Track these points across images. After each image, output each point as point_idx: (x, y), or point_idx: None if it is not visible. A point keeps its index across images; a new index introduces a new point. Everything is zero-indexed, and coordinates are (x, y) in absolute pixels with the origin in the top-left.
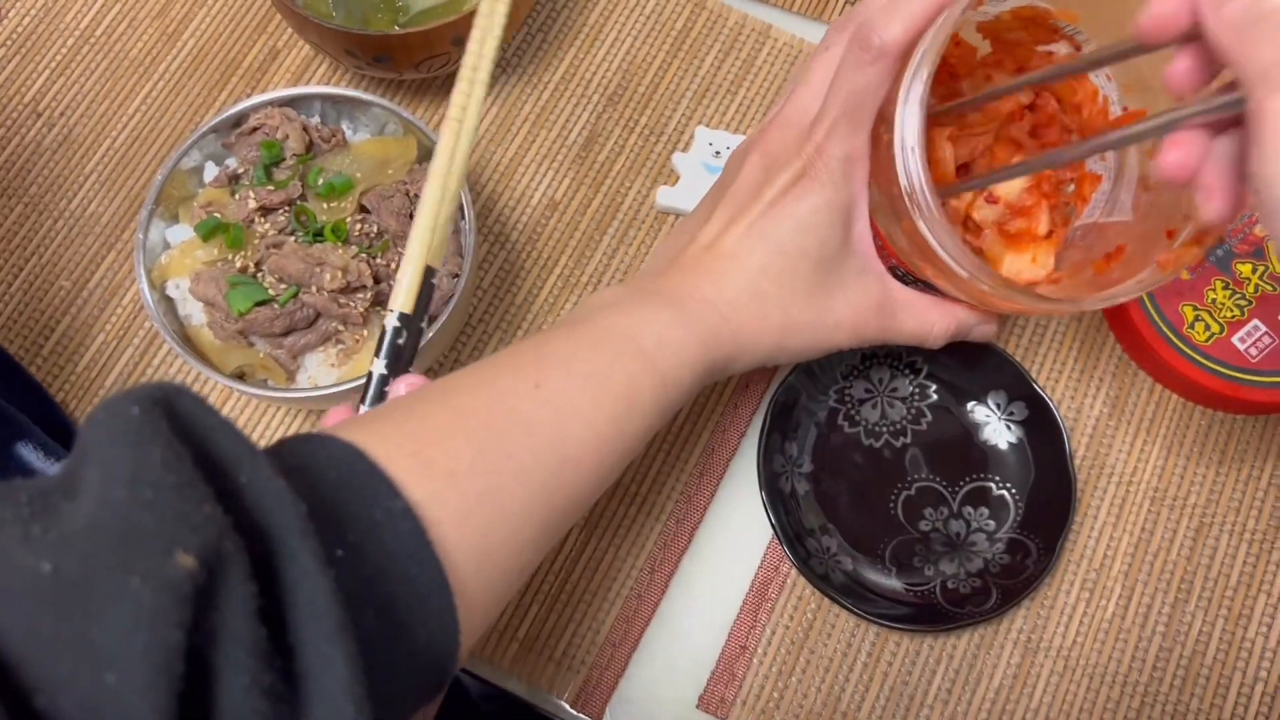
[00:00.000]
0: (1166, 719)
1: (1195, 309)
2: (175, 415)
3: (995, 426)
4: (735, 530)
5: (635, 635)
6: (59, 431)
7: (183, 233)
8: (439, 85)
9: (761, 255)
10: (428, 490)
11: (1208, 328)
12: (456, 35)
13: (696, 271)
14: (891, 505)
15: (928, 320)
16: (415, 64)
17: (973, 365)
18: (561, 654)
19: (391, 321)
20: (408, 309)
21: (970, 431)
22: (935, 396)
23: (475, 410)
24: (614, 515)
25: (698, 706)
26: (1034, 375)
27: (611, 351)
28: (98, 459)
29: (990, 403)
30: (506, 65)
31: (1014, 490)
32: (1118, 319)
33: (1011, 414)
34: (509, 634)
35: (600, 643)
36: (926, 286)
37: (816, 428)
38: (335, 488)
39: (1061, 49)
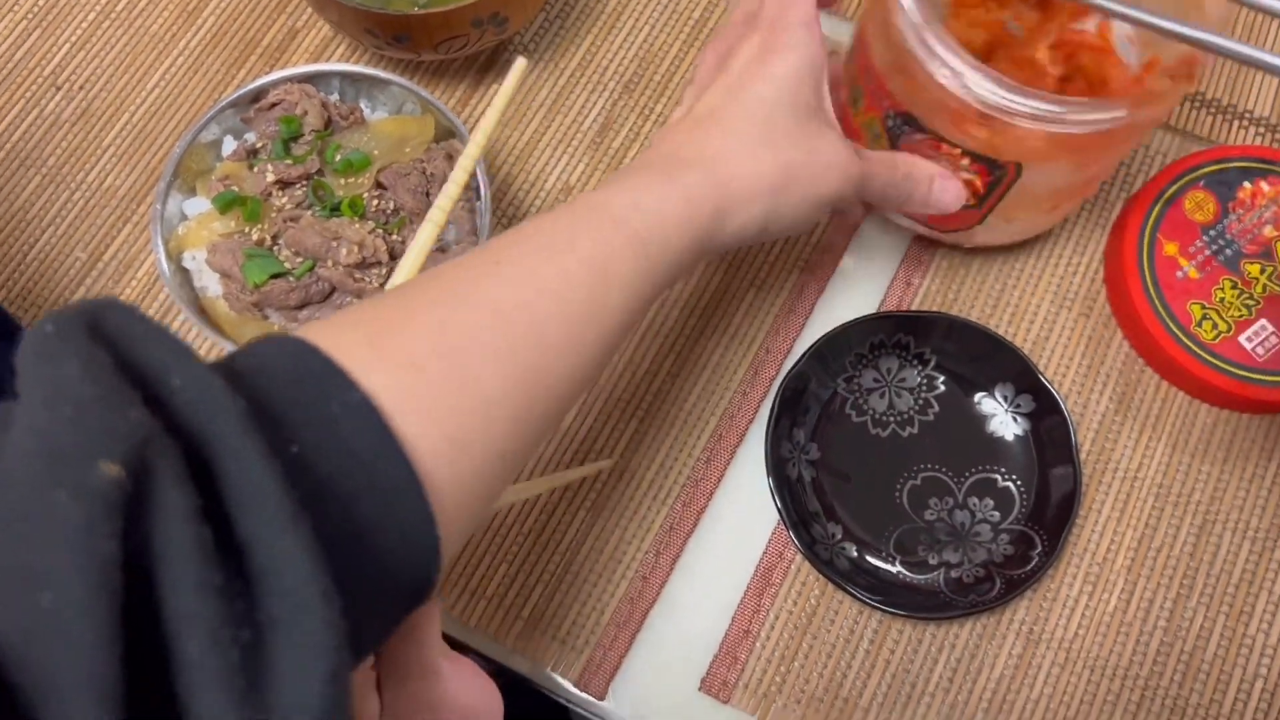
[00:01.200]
0: (1166, 713)
1: (1203, 307)
2: (99, 327)
3: (1002, 418)
4: (741, 515)
5: (639, 617)
6: None
7: (200, 205)
8: (457, 67)
9: (744, 107)
10: (387, 379)
11: (1215, 326)
12: (476, 16)
13: (676, 137)
14: (897, 494)
15: (900, 163)
16: (434, 45)
17: (981, 357)
18: (566, 633)
19: None
20: None
21: (977, 423)
22: (943, 388)
23: (434, 297)
24: (620, 497)
25: (700, 689)
26: (1042, 369)
27: (579, 221)
28: (22, 386)
29: (998, 395)
30: (523, 50)
31: (1019, 482)
32: (1126, 315)
33: (1019, 406)
34: (514, 612)
35: (604, 623)
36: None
37: (825, 415)
38: (286, 385)
39: (1091, 25)
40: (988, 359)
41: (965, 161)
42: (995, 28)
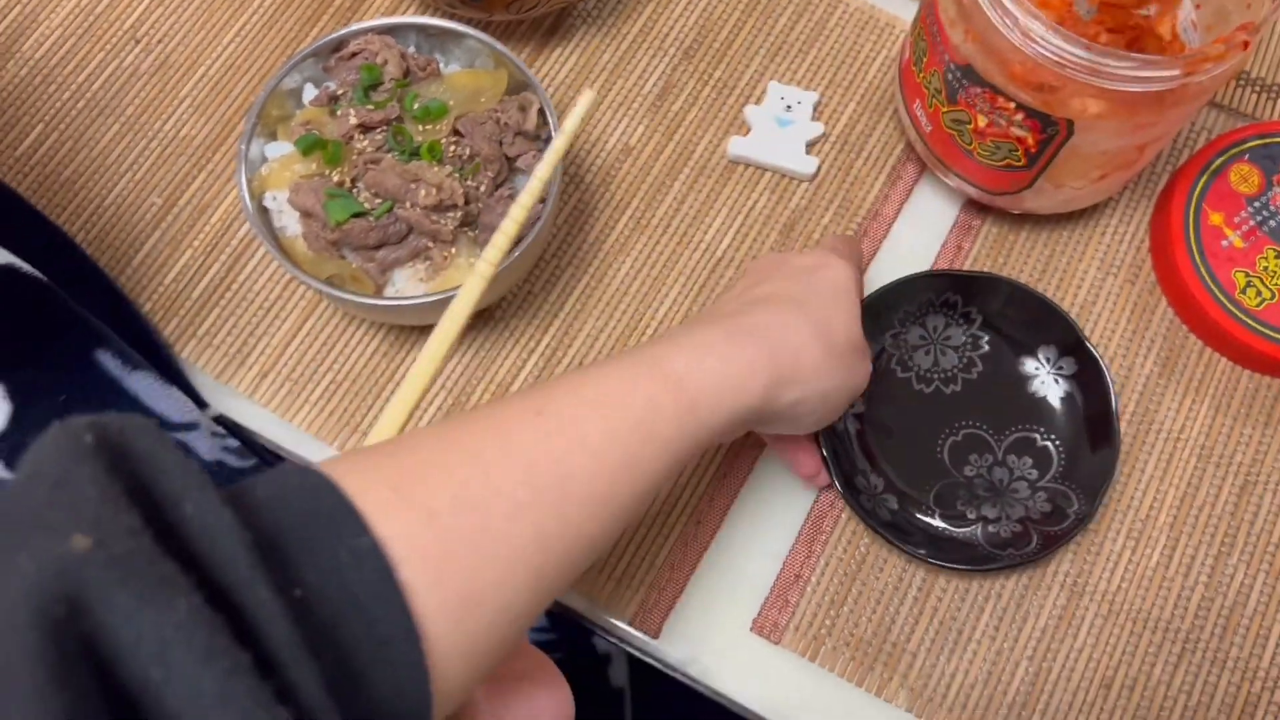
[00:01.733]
0: (1207, 665)
1: (1247, 275)
2: (125, 449)
3: (1044, 379)
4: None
5: (693, 559)
6: (139, 340)
7: (281, 149)
8: (523, 30)
9: (808, 291)
10: (403, 527)
11: (1259, 293)
12: None
13: (736, 306)
14: (939, 449)
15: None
16: (507, 4)
17: (1027, 318)
18: (622, 573)
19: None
20: None
21: (1020, 383)
22: (987, 347)
23: (466, 441)
24: None
25: (752, 629)
26: (1087, 334)
27: (630, 375)
28: (35, 471)
29: (1041, 356)
30: (587, 16)
31: (1058, 442)
32: (1171, 282)
33: (1061, 369)
34: None
35: (659, 565)
36: None
37: (871, 371)
38: (298, 522)
39: (1153, 10)
40: (1033, 320)
41: (1019, 117)
42: (1062, 7)
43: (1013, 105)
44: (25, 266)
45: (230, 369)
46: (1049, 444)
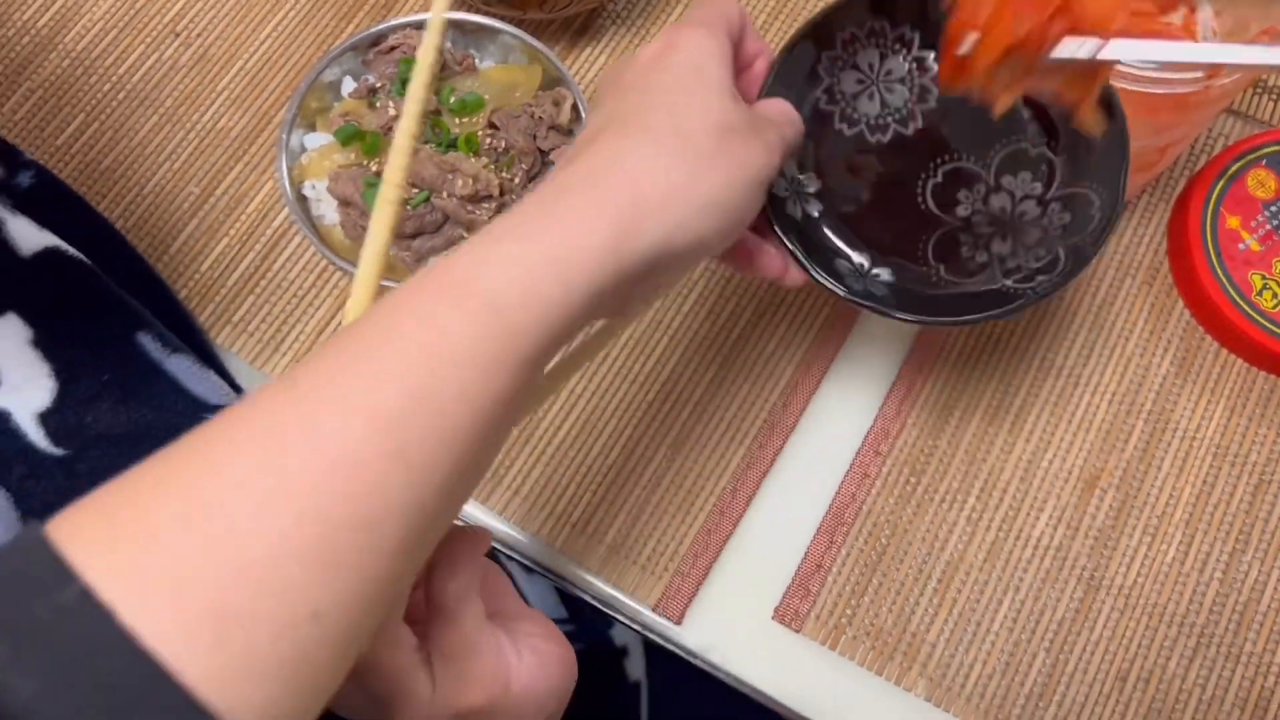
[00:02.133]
0: (1221, 659)
1: (1263, 278)
2: None
3: None
4: (815, 457)
5: (716, 547)
6: (177, 325)
7: (320, 139)
8: (556, 27)
9: (643, 100)
10: (120, 558)
11: (1275, 295)
12: None
13: (561, 168)
14: (920, 199)
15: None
16: (540, 3)
17: None
18: (646, 559)
19: None
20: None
21: None
22: (936, 66)
23: (199, 443)
24: (700, 436)
25: (773, 618)
26: (1105, 337)
27: (401, 303)
28: None
29: None
30: (617, 17)
31: (1052, 143)
32: (1188, 284)
33: None
34: (597, 538)
35: (683, 552)
36: None
37: (812, 138)
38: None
39: (1178, 19)
40: None
41: None
42: None
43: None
44: (70, 249)
45: (265, 355)
46: (1043, 149)
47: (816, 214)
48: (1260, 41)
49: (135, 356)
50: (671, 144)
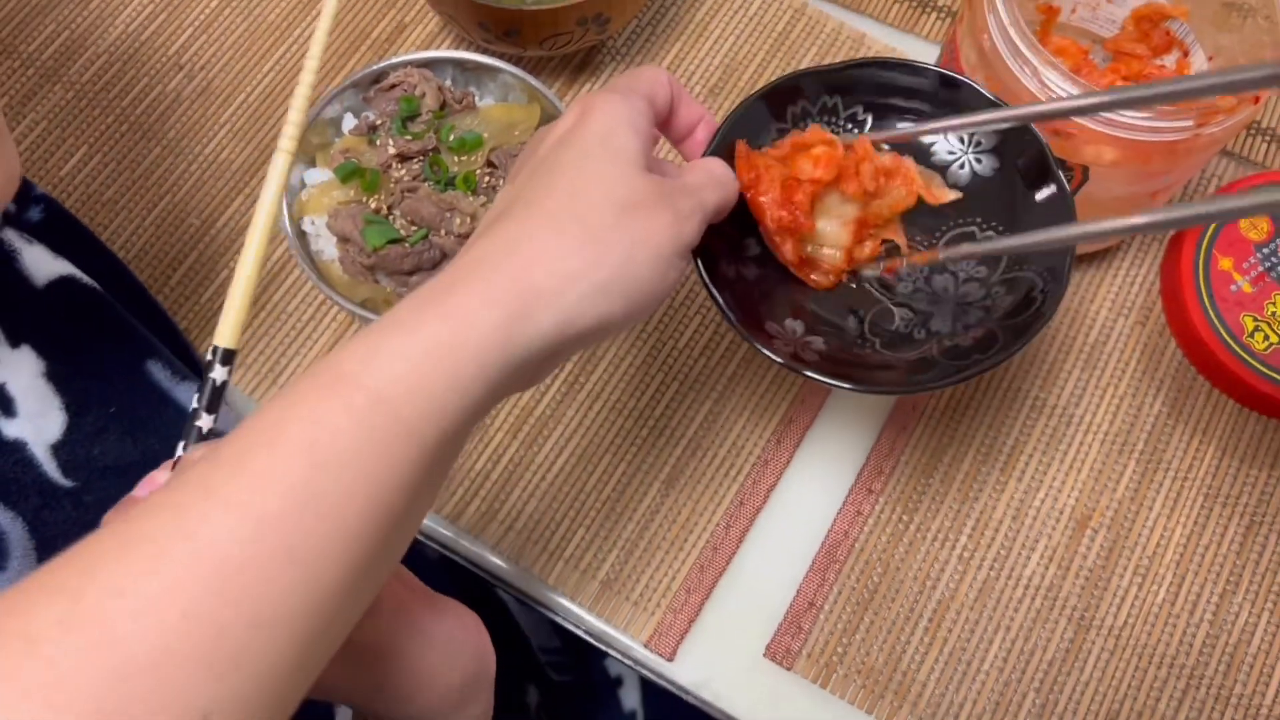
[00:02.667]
0: (1211, 701)
1: (1255, 319)
2: None
3: (964, 160)
4: (808, 495)
5: (709, 584)
6: (180, 356)
7: (320, 175)
8: (556, 64)
9: (545, 180)
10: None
11: (1267, 338)
12: (582, 16)
13: (461, 255)
14: (861, 276)
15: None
16: (540, 41)
17: (925, 98)
18: (639, 595)
19: (217, 370)
20: (233, 344)
21: (937, 174)
22: (888, 146)
23: (92, 544)
24: (694, 472)
25: (765, 655)
26: (1098, 377)
27: (291, 400)
28: None
29: (951, 137)
30: (616, 53)
31: (1001, 227)
32: (1180, 325)
33: (979, 143)
34: (590, 574)
35: (675, 588)
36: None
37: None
38: None
39: (1170, 61)
40: (932, 99)
41: None
42: (1079, 55)
43: None
44: (84, 277)
45: (264, 387)
46: (992, 232)
47: (752, 278)
48: (1249, 91)
49: (145, 385)
50: (569, 228)
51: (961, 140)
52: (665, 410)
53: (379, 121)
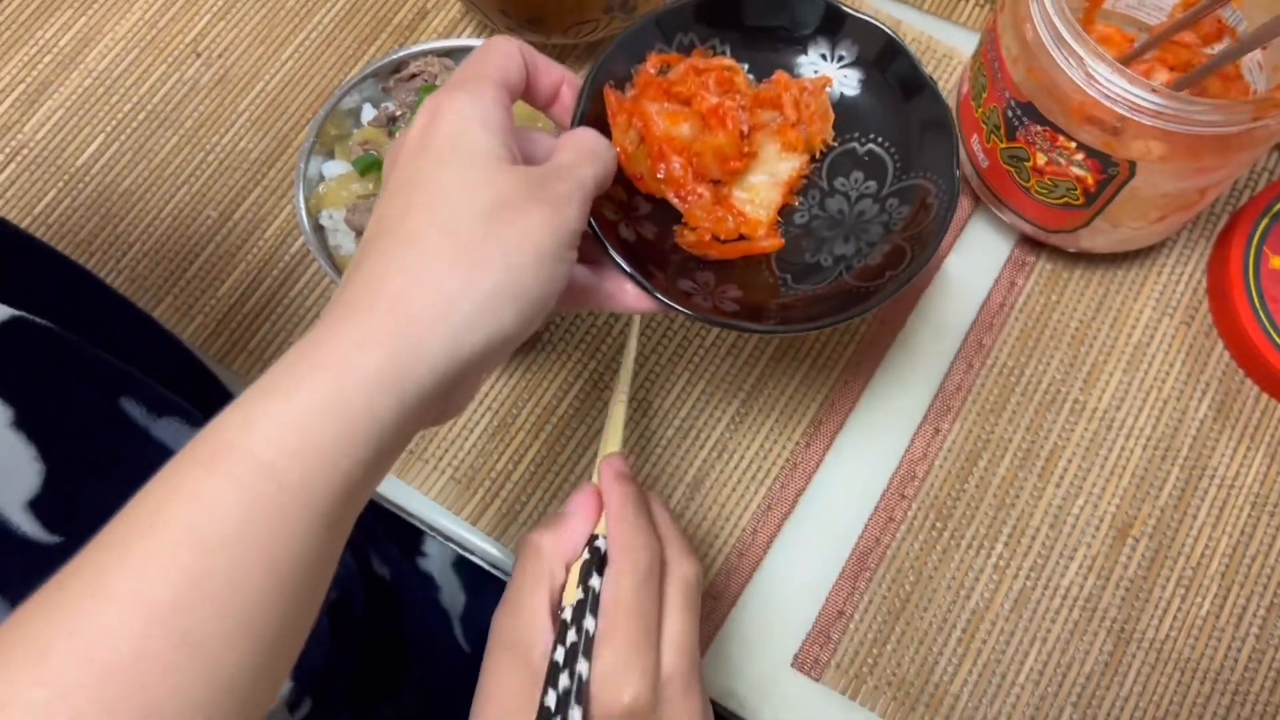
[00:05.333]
0: (1256, 718)
1: None
2: None
3: (835, 79)
4: (838, 500)
5: (735, 591)
6: (179, 368)
7: (338, 168)
8: (581, 51)
9: (401, 201)
10: None
11: None
12: (607, 3)
13: (342, 285)
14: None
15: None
16: (565, 29)
17: (777, 20)
18: None
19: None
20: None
21: None
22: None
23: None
24: (720, 475)
25: (792, 665)
26: (1141, 379)
27: (169, 477)
28: None
29: (813, 54)
30: None
31: (881, 139)
32: (1228, 326)
33: (841, 58)
34: None
35: (701, 595)
36: None
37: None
38: None
39: (1218, 49)
40: (781, 11)
41: (1079, 156)
42: (1125, 44)
43: (1073, 144)
44: (36, 320)
45: None
46: (872, 145)
47: (652, 236)
48: None
49: (121, 424)
50: (438, 247)
51: (824, 58)
52: (691, 411)
53: (399, 112)
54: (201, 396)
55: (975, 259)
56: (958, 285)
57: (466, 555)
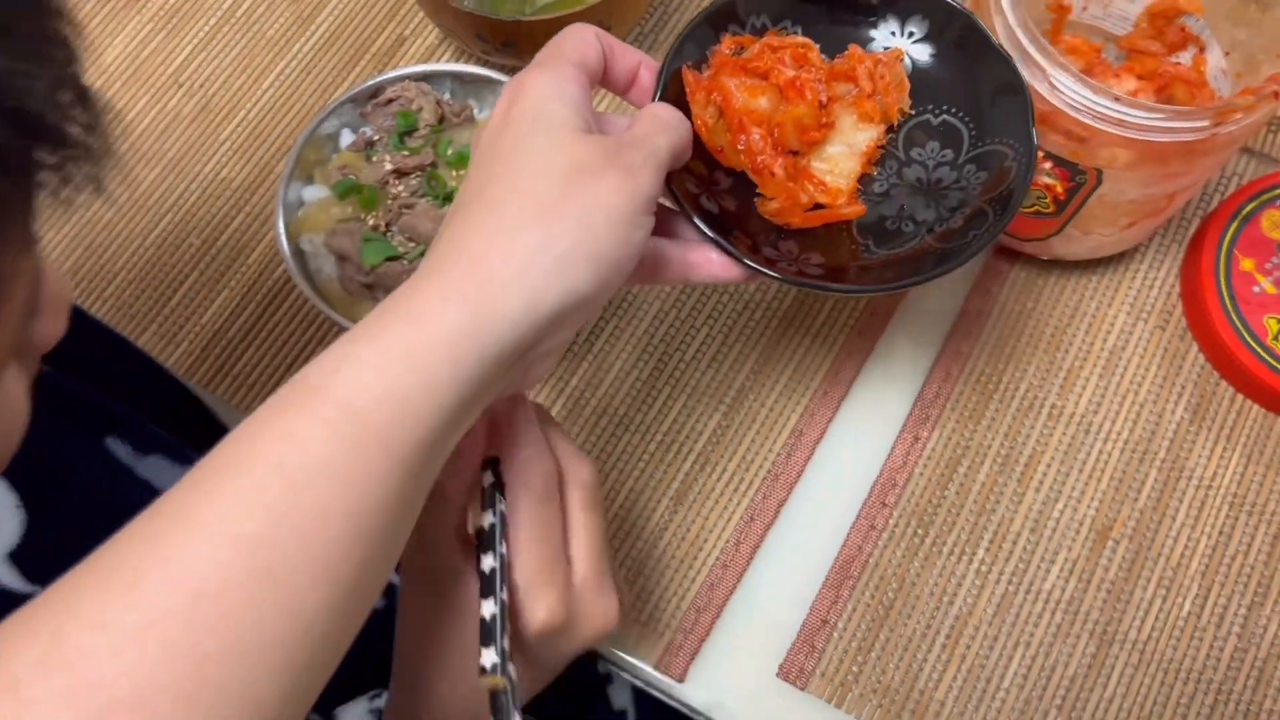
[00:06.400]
0: (1239, 716)
1: (1279, 321)
2: None
3: (906, 52)
4: (820, 509)
5: (719, 603)
6: (160, 399)
7: (317, 193)
8: None
9: (490, 170)
10: None
11: None
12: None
13: (429, 252)
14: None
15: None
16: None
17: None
18: (648, 617)
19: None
20: None
21: None
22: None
23: (78, 574)
24: (702, 488)
25: (778, 675)
26: (1117, 383)
27: (258, 425)
28: None
29: (884, 30)
30: None
31: (953, 109)
32: (1202, 328)
33: (912, 34)
34: None
35: (685, 608)
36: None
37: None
38: None
39: (1186, 58)
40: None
41: (1047, 165)
42: (1091, 54)
43: (1041, 154)
44: None
45: None
46: (946, 115)
47: (734, 208)
48: (1267, 88)
49: (106, 464)
50: (514, 209)
51: (894, 35)
52: (673, 424)
53: (376, 137)
54: (187, 424)
55: None
56: (933, 291)
57: None
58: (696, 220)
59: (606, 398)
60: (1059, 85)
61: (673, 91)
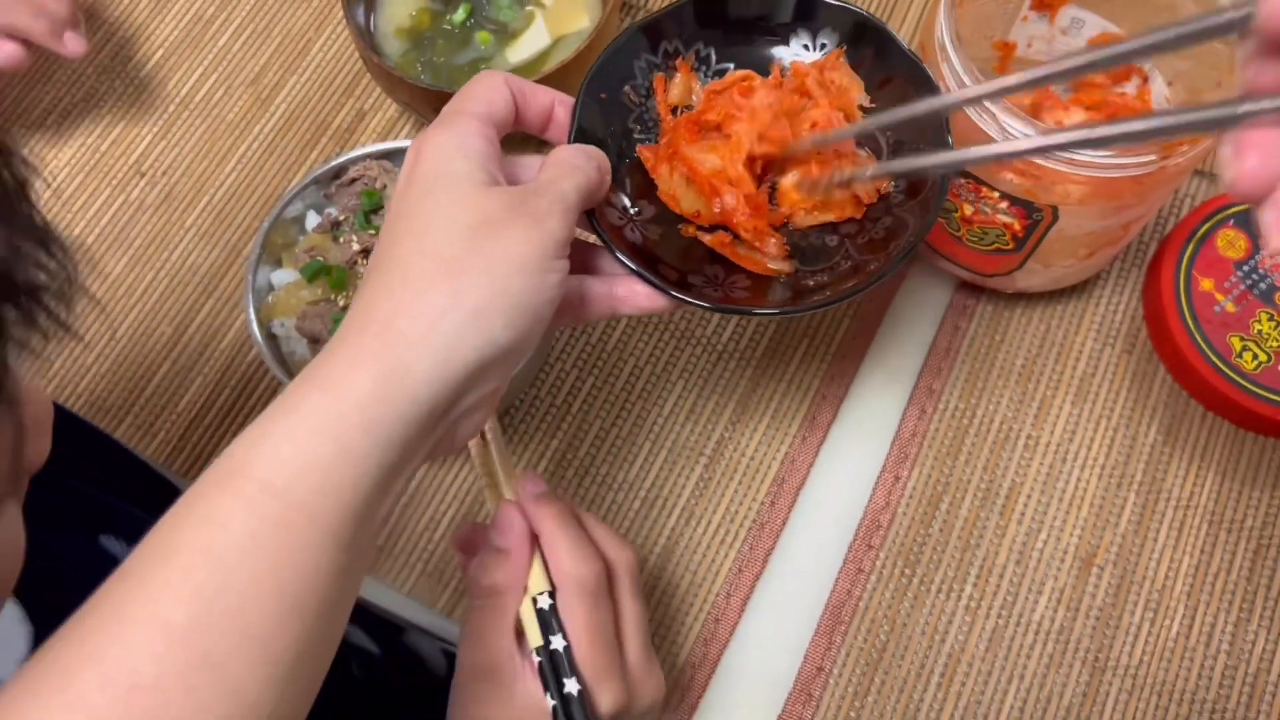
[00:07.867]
0: None
1: (1242, 339)
2: None
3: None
4: (808, 556)
5: (714, 657)
6: (149, 489)
7: (286, 276)
8: (515, 143)
9: (396, 230)
10: None
11: (1255, 357)
12: None
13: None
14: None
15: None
16: None
17: (756, 14)
18: None
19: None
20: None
21: None
22: (733, 66)
23: (12, 685)
24: (689, 542)
25: None
26: (1090, 409)
27: (193, 501)
28: None
29: (797, 45)
30: None
31: (870, 120)
32: (1168, 350)
33: (824, 45)
34: None
35: (680, 664)
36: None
37: (636, 164)
38: None
39: (1131, 88)
40: (765, 13)
41: (1004, 205)
42: (1040, 93)
43: (996, 194)
44: None
45: None
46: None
47: (657, 238)
48: None
49: (102, 565)
50: (420, 268)
51: (806, 48)
52: (655, 480)
53: (342, 217)
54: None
55: (918, 307)
56: (904, 330)
57: (441, 641)
58: (619, 255)
59: (588, 458)
60: (1009, 128)
61: (588, 124)
